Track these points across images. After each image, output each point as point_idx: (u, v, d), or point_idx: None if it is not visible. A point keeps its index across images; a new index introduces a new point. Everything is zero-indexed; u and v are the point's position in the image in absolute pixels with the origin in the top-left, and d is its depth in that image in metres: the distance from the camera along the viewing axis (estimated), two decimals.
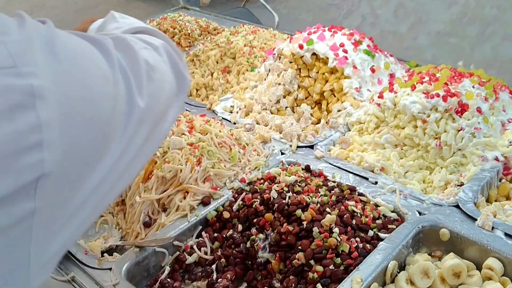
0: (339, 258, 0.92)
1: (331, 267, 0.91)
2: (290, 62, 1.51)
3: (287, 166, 1.22)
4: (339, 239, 0.95)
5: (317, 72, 1.47)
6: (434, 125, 1.22)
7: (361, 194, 1.11)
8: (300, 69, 1.50)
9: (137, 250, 0.98)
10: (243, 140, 1.26)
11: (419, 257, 0.95)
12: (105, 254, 1.00)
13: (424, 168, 1.23)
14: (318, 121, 1.44)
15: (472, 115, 1.22)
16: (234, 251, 1.02)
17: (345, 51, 1.46)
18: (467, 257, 0.96)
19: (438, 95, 1.23)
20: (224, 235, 1.05)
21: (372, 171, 1.19)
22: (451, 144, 1.19)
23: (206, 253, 1.03)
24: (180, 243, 1.03)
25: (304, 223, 0.98)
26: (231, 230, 1.06)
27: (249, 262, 1.01)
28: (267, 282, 0.97)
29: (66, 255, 0.95)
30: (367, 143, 1.29)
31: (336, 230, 0.96)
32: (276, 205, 1.04)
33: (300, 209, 1.01)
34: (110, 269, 0.92)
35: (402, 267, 0.96)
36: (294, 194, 1.06)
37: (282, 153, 1.28)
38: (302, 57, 1.48)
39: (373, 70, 1.48)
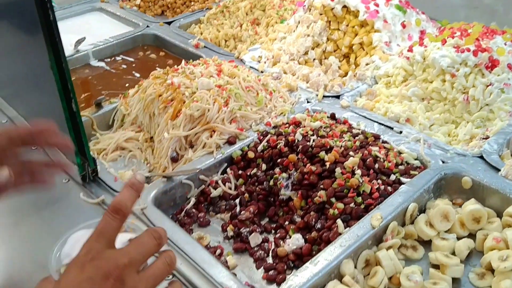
0: (360, 198, 0.94)
1: (352, 205, 0.93)
2: (320, 14, 1.50)
3: (312, 114, 1.23)
4: (361, 180, 0.96)
5: (347, 25, 1.46)
6: (463, 80, 1.21)
7: (385, 142, 1.12)
8: (330, 21, 1.49)
9: (165, 180, 1.02)
10: (270, 86, 1.27)
11: (439, 202, 0.96)
12: None
13: (450, 122, 1.23)
14: (345, 75, 1.43)
15: (502, 71, 1.21)
16: (257, 188, 1.05)
17: (377, 5, 1.45)
18: (488, 206, 0.97)
19: (468, 50, 1.22)
20: (248, 173, 1.08)
21: (398, 122, 1.19)
22: (479, 98, 1.18)
23: (230, 188, 1.06)
24: (206, 177, 1.06)
25: (327, 164, 1.00)
26: (255, 169, 1.08)
27: (271, 199, 1.04)
28: (288, 218, 1.00)
29: (97, 181, 0.99)
30: (394, 96, 1.29)
31: (358, 172, 0.98)
32: (300, 146, 1.06)
33: (323, 151, 1.03)
34: None
35: (422, 211, 0.97)
36: (319, 138, 1.08)
37: (308, 102, 1.29)
38: (332, 9, 1.47)
39: (403, 26, 1.47)
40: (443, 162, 1.05)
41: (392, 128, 1.16)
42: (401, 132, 1.15)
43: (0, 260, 0.83)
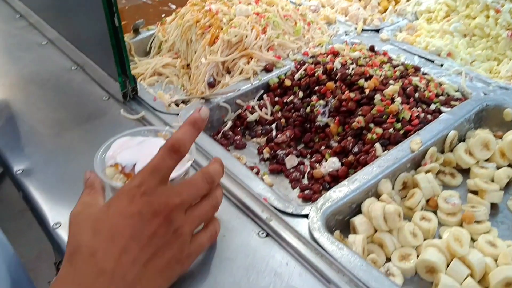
0: (399, 124, 0.93)
1: (391, 130, 0.92)
2: None
3: (351, 46, 1.21)
4: (401, 107, 0.95)
5: None
6: (508, 16, 1.17)
7: (425, 74, 1.09)
8: None
9: (203, 101, 1.02)
10: (308, 17, 1.25)
11: (480, 132, 0.95)
12: (172, 104, 1.05)
13: (492, 59, 1.19)
14: (384, 11, 1.40)
15: None
16: (293, 114, 1.05)
17: None
18: None
19: None
20: (285, 101, 1.08)
21: (439, 55, 1.16)
22: None
23: (266, 114, 1.06)
24: (242, 102, 1.06)
25: (367, 91, 0.99)
26: (292, 96, 1.08)
27: (308, 126, 1.04)
28: (324, 143, 1.00)
29: (137, 99, 1.00)
30: (435, 31, 1.26)
31: (398, 99, 0.97)
32: (338, 74, 1.04)
33: (363, 79, 1.02)
34: (177, 114, 0.97)
35: (461, 140, 0.96)
36: (358, 67, 1.06)
37: (346, 34, 1.27)
38: None
39: None
40: (484, 94, 1.02)
41: (433, 62, 1.14)
42: (442, 65, 1.12)
43: (45, 164, 0.85)
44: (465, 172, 0.92)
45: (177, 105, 1.06)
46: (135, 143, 0.68)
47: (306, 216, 0.75)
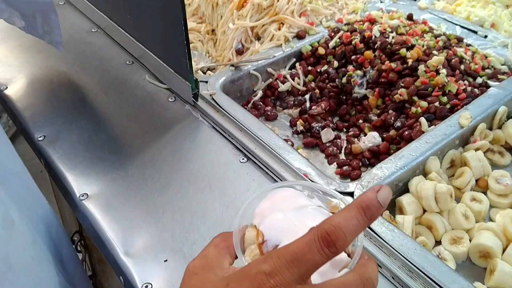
0: (445, 97, 0.87)
1: (436, 104, 0.86)
2: None
3: (387, 14, 1.14)
4: (447, 80, 0.89)
5: None
6: None
7: (469, 45, 1.02)
8: None
9: (232, 69, 0.95)
10: None
11: None
12: (199, 71, 0.99)
13: None
14: None
15: None
16: (328, 85, 0.98)
17: None
18: None
19: None
20: (318, 70, 1.01)
21: (482, 26, 1.09)
22: None
23: (298, 84, 1.00)
24: (273, 71, 1.00)
25: (409, 61, 0.92)
26: (326, 66, 1.01)
27: (343, 97, 0.98)
28: (361, 117, 0.94)
29: None
30: (476, 1, 1.18)
31: (443, 71, 0.90)
32: (378, 43, 0.97)
33: (404, 49, 0.95)
34: (206, 82, 0.90)
35: (511, 117, 0.90)
36: (398, 35, 0.99)
37: (381, 2, 1.19)
38: None
39: None
40: None
41: (476, 32, 1.06)
42: (486, 37, 1.05)
43: (68, 131, 0.79)
44: None
45: (204, 72, 0.99)
46: (293, 207, 0.50)
47: (351, 194, 0.70)
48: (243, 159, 0.76)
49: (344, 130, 0.95)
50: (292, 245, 0.38)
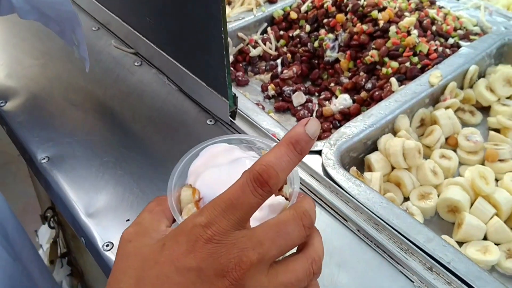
0: (416, 58, 0.86)
1: (407, 64, 0.85)
2: None
3: None
4: (418, 40, 0.88)
5: None
6: None
7: (441, 7, 1.01)
8: None
9: None
10: None
11: (502, 67, 0.88)
12: None
13: None
14: None
15: None
16: (300, 49, 0.97)
17: None
18: None
19: None
20: (290, 35, 1.00)
21: None
22: None
23: (270, 49, 0.98)
24: (245, 36, 0.98)
25: (380, 23, 0.91)
26: (298, 30, 0.99)
27: (315, 62, 0.97)
28: (333, 80, 0.93)
29: None
30: None
31: (414, 32, 0.89)
32: (350, 5, 0.96)
33: (376, 11, 0.93)
34: None
35: (482, 77, 0.89)
36: None
37: None
38: None
39: None
40: (505, 29, 0.95)
41: None
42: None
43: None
44: (485, 110, 0.86)
45: None
46: (228, 161, 0.49)
47: (319, 152, 0.69)
48: (210, 121, 0.74)
49: (316, 94, 0.93)
50: (225, 193, 0.37)
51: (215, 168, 0.47)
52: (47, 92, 0.79)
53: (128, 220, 0.59)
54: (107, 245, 0.57)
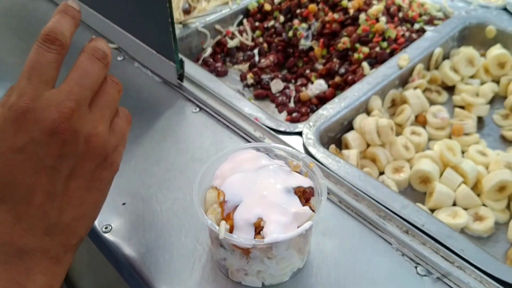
0: (385, 43, 0.92)
1: (377, 49, 0.91)
2: None
3: None
4: (386, 27, 0.93)
5: None
6: None
7: None
8: None
9: (180, 26, 0.97)
10: None
11: (464, 49, 0.94)
12: None
13: None
14: None
15: None
16: (275, 39, 1.01)
17: None
18: None
19: None
20: (265, 26, 1.04)
21: None
22: None
23: (247, 40, 1.02)
24: (222, 28, 1.02)
25: (351, 11, 0.96)
26: (272, 21, 1.04)
27: (291, 51, 1.01)
28: (308, 67, 0.98)
29: None
30: None
31: (383, 19, 0.95)
32: None
33: (346, 0, 0.99)
34: None
35: (446, 58, 0.95)
36: None
37: None
38: None
39: None
40: (466, 13, 1.02)
41: None
42: None
43: None
44: (450, 89, 0.92)
45: None
46: (254, 167, 0.52)
47: (300, 134, 0.73)
48: (195, 109, 0.78)
49: (293, 81, 0.98)
50: (25, 64, 0.41)
51: (241, 174, 0.51)
52: None
53: (124, 204, 0.63)
54: (106, 227, 0.60)
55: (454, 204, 0.71)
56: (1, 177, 0.41)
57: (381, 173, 0.76)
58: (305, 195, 0.52)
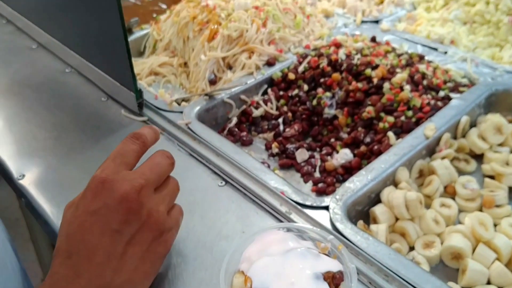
0: (410, 112, 0.92)
1: (402, 118, 0.91)
2: None
3: (352, 37, 1.20)
4: (411, 95, 0.94)
5: None
6: (508, 1, 1.16)
7: (430, 62, 1.08)
8: None
9: (206, 98, 0.99)
10: (307, 10, 1.23)
11: (491, 117, 0.93)
12: (174, 103, 1.02)
13: (494, 45, 1.18)
14: (381, 2, 1.39)
15: None
16: (300, 108, 1.03)
17: None
18: None
19: None
20: (290, 94, 1.05)
21: (441, 43, 1.15)
22: None
23: (272, 109, 1.03)
24: (247, 98, 1.04)
25: (374, 80, 0.97)
26: (296, 90, 1.05)
27: (315, 119, 1.02)
28: (333, 136, 0.98)
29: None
30: (435, 20, 1.25)
31: (407, 87, 0.95)
32: (344, 65, 1.02)
33: (369, 69, 1.00)
34: (181, 112, 0.94)
35: (473, 126, 0.94)
36: (362, 57, 1.04)
37: (346, 27, 1.25)
38: None
39: None
40: (492, 79, 1.01)
41: (436, 49, 1.13)
42: (446, 53, 1.11)
43: (47, 168, 0.81)
44: (478, 158, 0.91)
45: (178, 103, 1.02)
46: (282, 250, 0.52)
47: (326, 208, 0.72)
48: (221, 182, 0.78)
49: (318, 149, 0.98)
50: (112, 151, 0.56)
51: (269, 258, 0.50)
52: (63, 163, 0.83)
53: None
54: None
55: (489, 282, 0.68)
56: (73, 235, 0.49)
57: (411, 248, 0.74)
58: (334, 281, 0.51)
